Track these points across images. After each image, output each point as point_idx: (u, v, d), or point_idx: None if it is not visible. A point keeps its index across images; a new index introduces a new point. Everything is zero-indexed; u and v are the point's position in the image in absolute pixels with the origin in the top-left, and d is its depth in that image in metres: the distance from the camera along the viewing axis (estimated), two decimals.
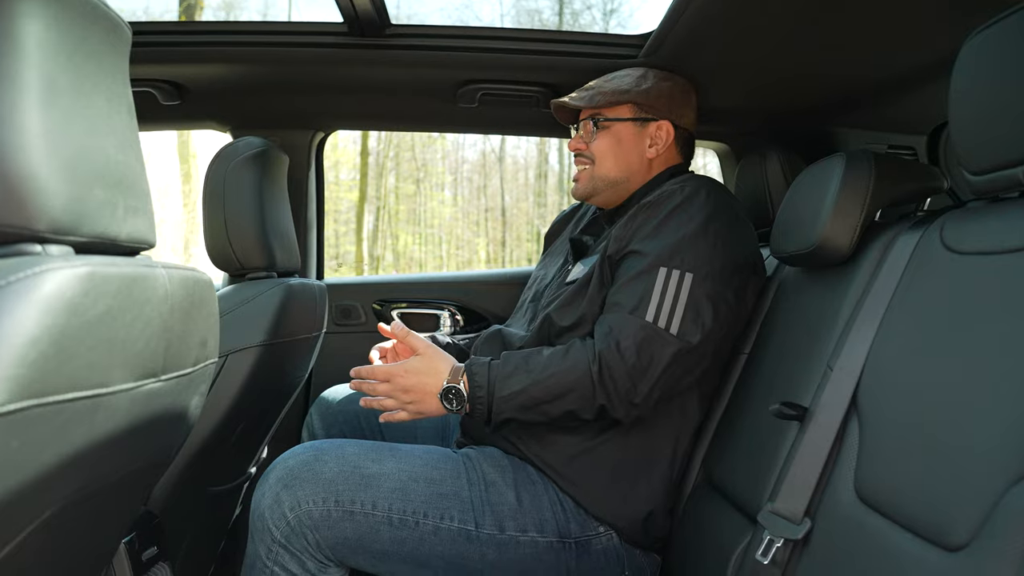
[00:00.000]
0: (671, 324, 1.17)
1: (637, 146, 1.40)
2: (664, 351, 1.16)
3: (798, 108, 1.63)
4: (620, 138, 1.40)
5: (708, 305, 1.19)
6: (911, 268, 0.96)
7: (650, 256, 1.21)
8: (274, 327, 1.34)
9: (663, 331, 1.16)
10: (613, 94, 1.40)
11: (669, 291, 1.18)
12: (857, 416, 0.93)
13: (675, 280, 1.18)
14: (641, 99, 1.39)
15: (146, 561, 1.11)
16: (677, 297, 1.17)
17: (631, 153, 1.40)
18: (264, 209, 1.41)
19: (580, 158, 1.44)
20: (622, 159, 1.41)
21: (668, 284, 1.18)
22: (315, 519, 1.14)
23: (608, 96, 1.40)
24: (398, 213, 14.85)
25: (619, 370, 1.15)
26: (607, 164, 1.41)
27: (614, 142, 1.40)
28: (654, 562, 1.31)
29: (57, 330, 0.57)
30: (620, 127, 1.40)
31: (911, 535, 0.76)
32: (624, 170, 1.41)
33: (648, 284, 1.19)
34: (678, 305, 1.17)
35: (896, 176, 1.12)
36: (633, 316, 1.17)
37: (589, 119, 1.42)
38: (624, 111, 1.41)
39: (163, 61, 1.58)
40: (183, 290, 0.80)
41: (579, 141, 1.44)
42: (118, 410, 0.68)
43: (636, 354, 1.15)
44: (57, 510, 0.66)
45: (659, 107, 1.40)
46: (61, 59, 0.66)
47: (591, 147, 1.42)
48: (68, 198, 0.64)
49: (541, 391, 1.17)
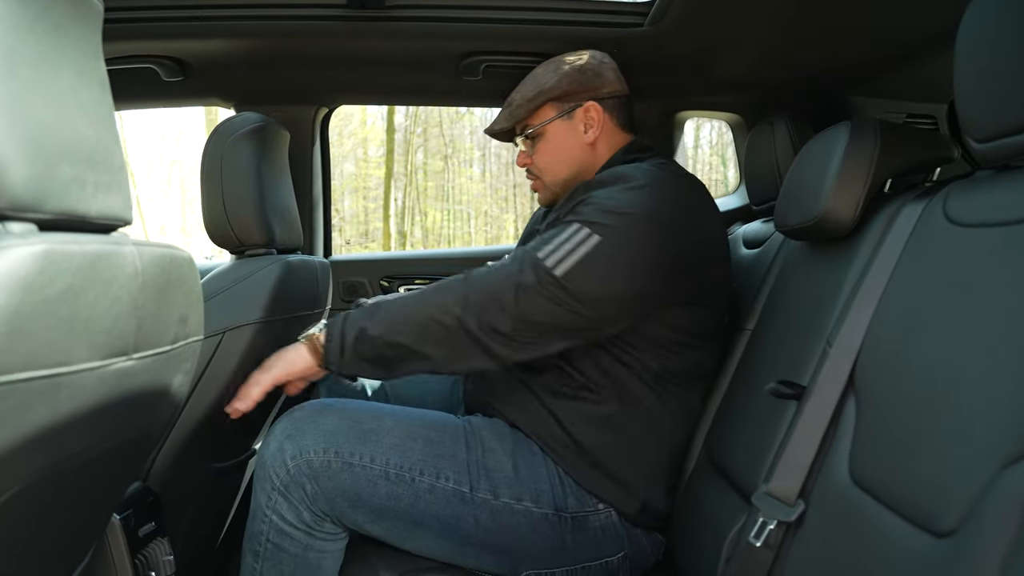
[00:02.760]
0: (558, 266, 1.12)
1: (573, 138, 1.39)
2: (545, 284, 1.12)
3: (811, 76, 1.57)
4: (555, 139, 1.40)
5: (602, 269, 1.14)
6: (912, 241, 0.91)
7: (570, 214, 1.19)
8: (272, 304, 1.34)
9: (547, 268, 1.12)
10: (531, 100, 1.39)
11: (571, 242, 1.14)
12: (854, 395, 0.90)
13: (582, 235, 1.14)
14: (556, 92, 1.38)
15: (143, 536, 1.11)
16: (576, 249, 1.13)
17: (571, 147, 1.40)
18: (263, 185, 1.40)
19: (530, 173, 1.46)
20: (565, 158, 1.40)
21: (574, 236, 1.14)
22: (315, 468, 1.15)
23: (527, 104, 1.39)
24: (426, 190, 14.85)
25: (487, 290, 1.14)
26: (554, 169, 1.42)
27: (552, 146, 1.40)
28: (656, 541, 1.29)
29: (10, 308, 0.56)
30: (550, 129, 1.40)
31: (901, 519, 0.73)
32: (572, 166, 1.40)
33: (556, 232, 1.17)
34: (573, 254, 1.13)
35: (904, 145, 1.07)
36: (528, 251, 1.16)
37: (521, 135, 1.43)
38: (547, 112, 1.40)
39: (165, 36, 1.57)
40: (157, 267, 0.79)
41: (524, 157, 1.46)
42: (83, 389, 0.68)
43: (507, 281, 1.13)
44: (24, 487, 0.66)
45: (575, 91, 1.38)
46: (21, 31, 0.65)
47: (535, 160, 1.43)
48: (30, 174, 0.63)
49: (398, 304, 1.18)
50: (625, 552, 1.24)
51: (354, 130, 13.85)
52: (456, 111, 13.59)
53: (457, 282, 1.18)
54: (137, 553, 1.08)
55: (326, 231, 2.11)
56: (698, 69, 1.60)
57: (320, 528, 1.18)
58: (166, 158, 10.85)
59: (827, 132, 1.15)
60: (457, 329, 1.13)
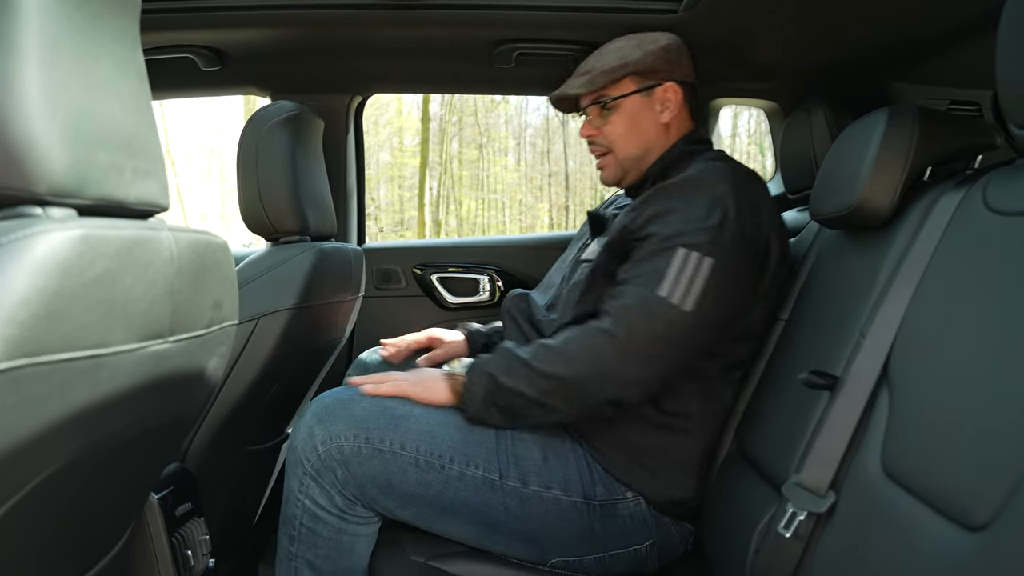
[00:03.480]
0: (685, 301, 1.13)
1: (649, 116, 1.36)
2: (676, 323, 1.13)
3: (849, 62, 1.54)
4: (632, 114, 1.36)
5: (734, 283, 1.17)
6: (950, 230, 0.89)
7: (670, 237, 1.17)
8: (306, 290, 1.36)
9: (674, 305, 1.13)
10: (612, 71, 1.34)
11: (687, 271, 1.14)
12: (888, 387, 0.89)
13: (694, 262, 1.14)
14: (641, 67, 1.34)
15: (180, 516, 1.15)
16: (695, 277, 1.14)
17: (646, 124, 1.36)
18: (297, 172, 1.42)
19: (595, 146, 1.41)
20: (639, 134, 1.36)
21: (687, 265, 1.14)
22: (345, 454, 1.16)
23: (608, 74, 1.34)
24: (461, 178, 14.89)
25: (622, 350, 1.13)
26: (627, 144, 1.37)
27: (627, 119, 1.36)
28: (685, 530, 1.29)
29: (49, 291, 0.58)
30: (628, 102, 1.35)
31: (933, 512, 0.72)
32: (643, 143, 1.37)
33: (665, 262, 1.15)
34: (695, 284, 1.13)
35: (943, 132, 1.05)
36: (643, 289, 1.14)
37: (595, 103, 1.38)
38: (627, 85, 1.35)
39: (202, 26, 1.60)
40: (192, 253, 0.80)
41: (590, 128, 1.41)
42: (121, 370, 0.70)
43: (643, 320, 1.13)
44: (65, 464, 0.68)
45: (660, 69, 1.35)
46: (62, 21, 0.67)
47: (604, 131, 1.38)
48: (70, 161, 0.65)
49: (540, 362, 1.16)
50: (653, 540, 1.24)
51: (390, 119, 13.93)
52: (491, 100, 13.58)
53: (591, 337, 1.16)
54: (174, 532, 1.12)
55: (359, 218, 2.13)
56: (733, 55, 1.58)
57: (352, 512, 1.19)
58: (206, 147, 11.03)
59: (864, 119, 1.13)
60: (599, 400, 1.16)
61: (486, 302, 2.09)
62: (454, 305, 2.08)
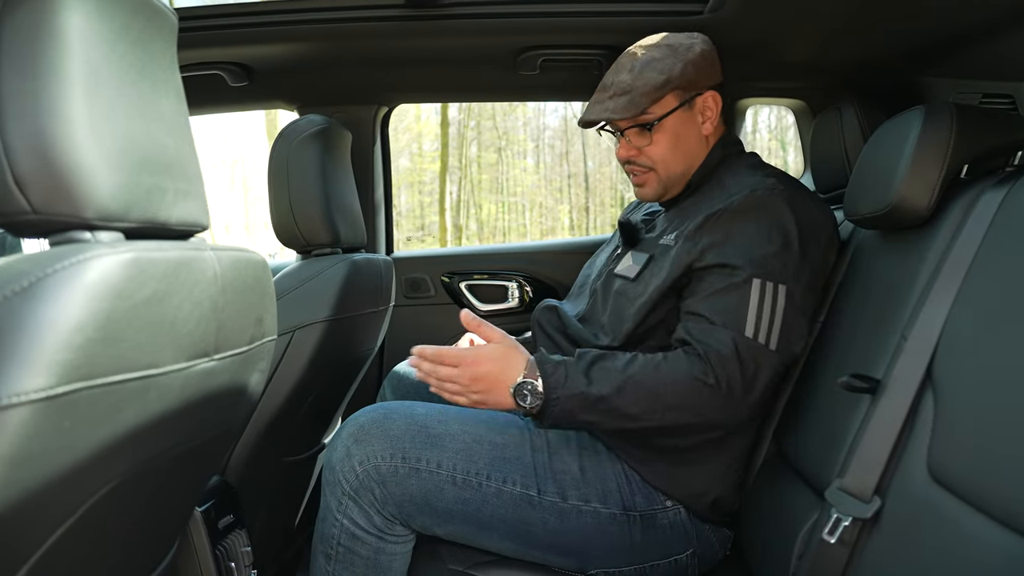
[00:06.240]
0: (770, 339, 1.11)
1: (693, 129, 1.30)
2: (765, 365, 1.10)
3: (878, 58, 1.52)
4: (675, 131, 1.28)
5: (801, 314, 1.14)
6: (994, 229, 0.88)
7: (741, 267, 1.13)
8: (339, 302, 1.37)
9: (763, 346, 1.10)
10: (657, 90, 1.25)
11: (766, 304, 1.11)
12: (932, 389, 0.88)
13: (770, 293, 1.12)
14: (683, 81, 1.26)
15: (223, 528, 1.16)
16: (774, 311, 1.11)
17: (690, 140, 1.30)
18: (328, 185, 1.43)
19: (634, 166, 1.32)
20: (684, 150, 1.30)
21: (764, 297, 1.11)
22: (383, 474, 1.16)
23: (652, 94, 1.25)
24: (481, 182, 14.93)
25: (725, 403, 1.10)
26: (673, 163, 1.30)
27: (671, 137, 1.28)
28: (724, 536, 1.28)
29: (103, 315, 0.59)
30: (672, 121, 1.28)
31: (984, 517, 0.71)
32: (688, 159, 1.31)
33: (743, 296, 1.12)
34: (776, 319, 1.11)
35: (981, 129, 1.03)
36: (731, 331, 1.11)
37: (637, 126, 1.29)
38: (670, 101, 1.27)
39: (230, 43, 1.62)
40: (233, 271, 0.81)
41: (629, 148, 1.31)
42: (171, 390, 0.71)
43: (740, 369, 1.09)
44: (117, 484, 0.69)
45: (699, 79, 1.27)
46: (104, 48, 0.68)
47: (647, 152, 1.30)
48: (116, 185, 0.66)
49: (626, 401, 1.10)
50: (693, 549, 1.23)
51: (408, 125, 14.01)
52: (509, 104, 13.61)
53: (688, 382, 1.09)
54: (217, 544, 1.13)
55: (388, 228, 2.14)
56: (760, 55, 1.57)
57: (391, 531, 1.19)
58: (229, 158, 11.15)
59: (900, 116, 1.11)
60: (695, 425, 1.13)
61: (516, 308, 2.09)
62: (484, 312, 2.08)
